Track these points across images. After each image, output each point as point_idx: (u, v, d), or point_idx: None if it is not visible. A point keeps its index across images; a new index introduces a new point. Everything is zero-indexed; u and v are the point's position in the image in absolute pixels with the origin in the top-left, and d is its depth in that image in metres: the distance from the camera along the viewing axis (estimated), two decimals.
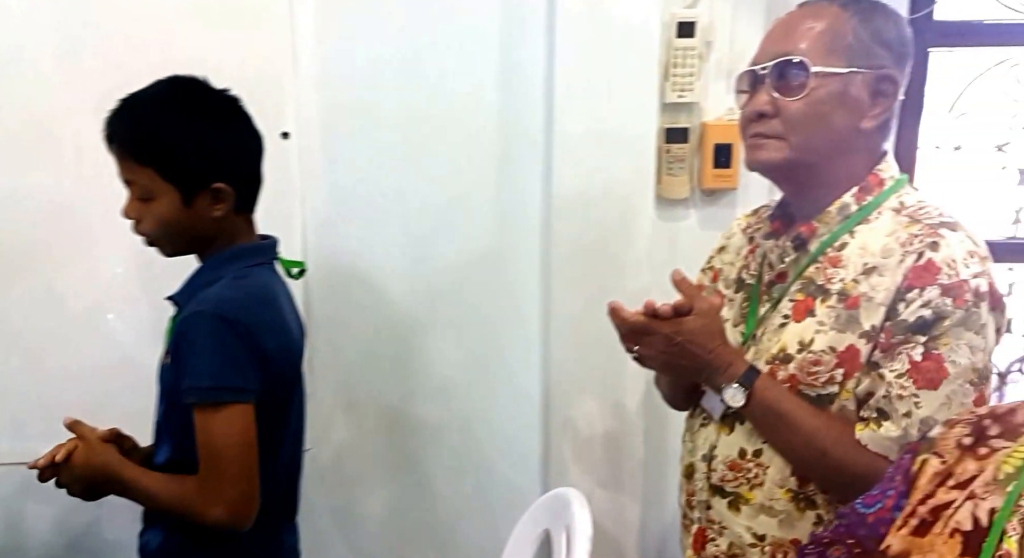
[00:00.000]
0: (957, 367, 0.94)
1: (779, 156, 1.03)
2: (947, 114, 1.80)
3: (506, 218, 1.74)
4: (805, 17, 1.03)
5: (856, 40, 1.00)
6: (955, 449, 0.77)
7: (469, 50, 1.66)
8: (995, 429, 0.76)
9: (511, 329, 1.79)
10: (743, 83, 1.08)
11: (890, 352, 0.96)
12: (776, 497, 1.05)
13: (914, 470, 0.79)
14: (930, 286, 0.94)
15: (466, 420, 1.83)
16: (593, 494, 1.67)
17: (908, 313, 0.95)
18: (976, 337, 0.94)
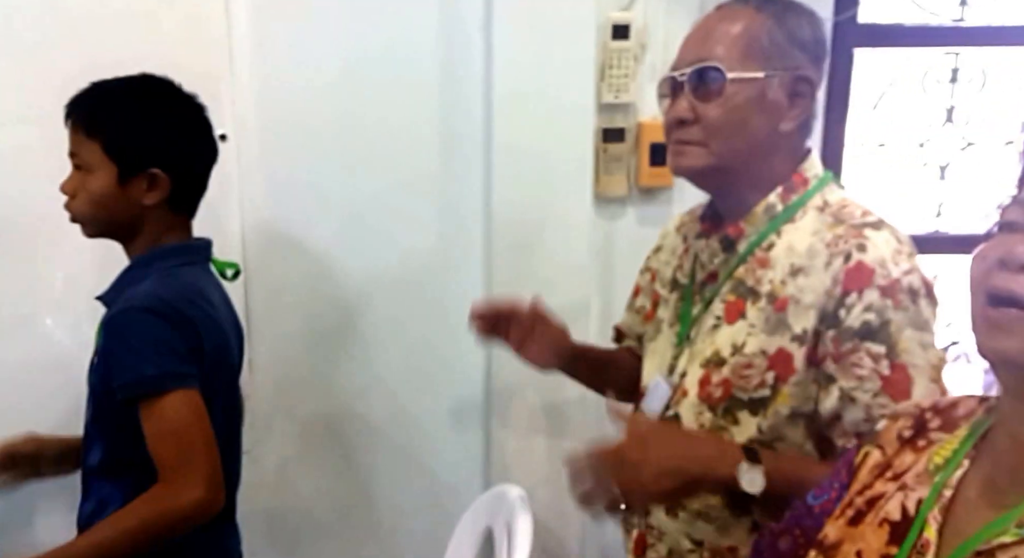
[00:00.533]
0: (918, 369, 0.94)
1: (701, 163, 1.03)
2: (872, 112, 1.87)
3: (447, 217, 1.74)
4: (721, 20, 1.03)
5: (771, 43, 1.00)
6: (896, 441, 0.78)
7: (407, 51, 1.66)
8: (936, 422, 0.77)
9: (453, 327, 1.76)
10: (664, 88, 1.09)
11: (843, 363, 0.95)
12: (712, 503, 1.04)
13: (856, 462, 0.81)
14: (868, 289, 0.93)
15: (408, 419, 1.83)
16: (535, 491, 1.67)
17: (852, 319, 0.94)
18: (924, 334, 0.94)
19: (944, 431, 0.75)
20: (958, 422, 0.75)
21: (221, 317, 1.25)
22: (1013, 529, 0.61)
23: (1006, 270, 0.60)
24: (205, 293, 1.24)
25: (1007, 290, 0.59)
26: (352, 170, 1.70)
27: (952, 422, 0.75)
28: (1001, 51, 1.80)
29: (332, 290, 1.75)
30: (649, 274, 1.28)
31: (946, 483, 0.69)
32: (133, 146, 1.18)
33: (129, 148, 1.18)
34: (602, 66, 1.65)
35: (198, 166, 1.27)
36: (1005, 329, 0.60)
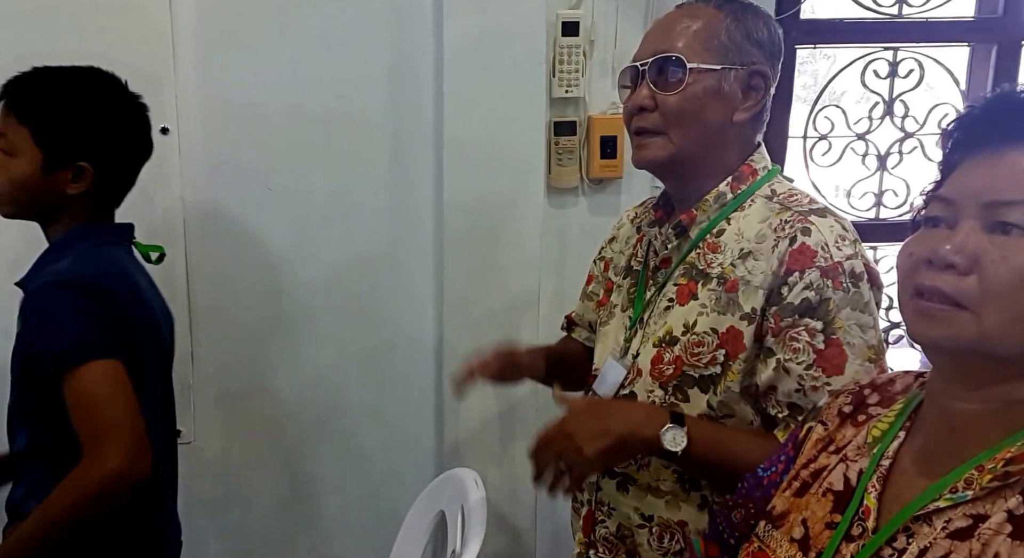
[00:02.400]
0: (853, 348, 0.97)
1: (664, 154, 1.07)
2: (813, 106, 1.93)
3: (399, 208, 1.75)
4: (683, 16, 1.07)
5: (729, 39, 1.05)
6: (836, 417, 0.82)
7: (356, 44, 1.66)
8: (874, 398, 0.81)
9: (405, 315, 1.80)
10: (625, 79, 1.12)
11: (782, 337, 0.99)
12: (662, 478, 1.08)
13: (801, 437, 0.85)
14: (809, 269, 0.97)
15: (358, 407, 1.83)
16: (487, 474, 1.70)
17: (792, 296, 0.98)
18: (863, 316, 0.98)
19: (881, 406, 0.79)
20: (895, 397, 0.79)
21: (147, 296, 1.24)
22: (947, 495, 0.65)
23: (932, 269, 0.64)
24: (127, 271, 1.22)
25: (933, 287, 0.64)
26: (300, 163, 1.70)
27: (889, 398, 0.79)
28: (937, 47, 1.87)
29: (279, 281, 1.74)
30: (603, 263, 1.31)
31: (884, 454, 0.73)
32: (64, 138, 1.16)
33: (59, 140, 1.16)
34: (553, 62, 1.68)
35: (128, 163, 1.25)
36: (933, 318, 0.64)
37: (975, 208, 0.64)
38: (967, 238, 0.63)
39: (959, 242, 0.63)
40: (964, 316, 0.62)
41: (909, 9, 1.83)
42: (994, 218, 0.63)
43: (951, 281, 0.63)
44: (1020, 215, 0.62)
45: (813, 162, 1.95)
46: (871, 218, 2.00)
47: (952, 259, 0.63)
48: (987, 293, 0.62)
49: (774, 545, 0.78)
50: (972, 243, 0.63)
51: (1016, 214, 0.62)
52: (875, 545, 0.68)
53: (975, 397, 0.66)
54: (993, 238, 0.63)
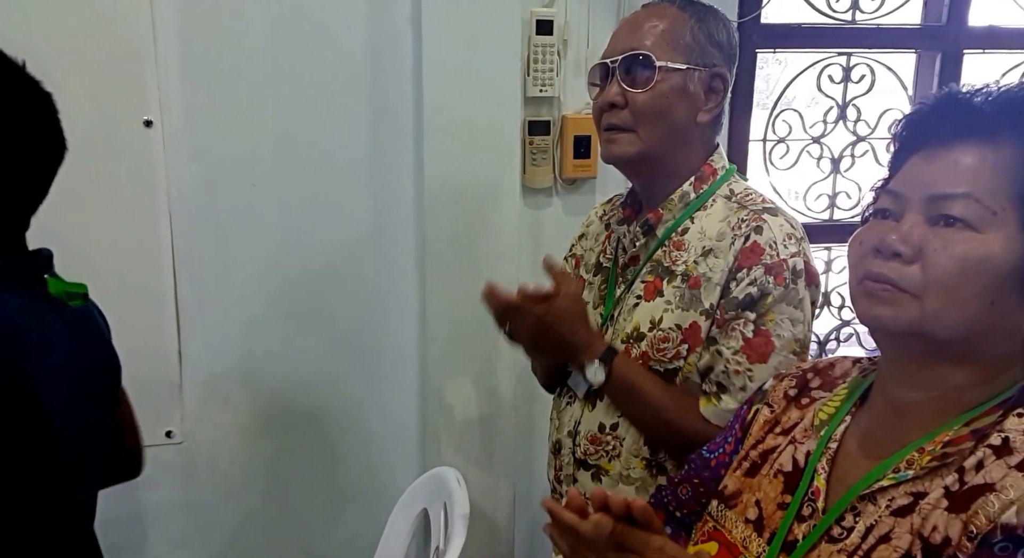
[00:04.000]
0: (782, 340, 1.03)
1: (632, 150, 1.11)
2: (772, 109, 2.00)
3: (381, 207, 1.76)
4: (649, 16, 1.12)
5: (694, 40, 1.10)
6: (782, 400, 0.87)
7: (337, 43, 1.66)
8: (816, 382, 0.86)
9: (388, 316, 1.81)
10: (595, 76, 1.16)
11: (724, 328, 1.05)
12: (632, 466, 1.13)
13: (748, 419, 0.89)
14: (755, 266, 1.03)
15: (343, 408, 1.83)
16: (468, 473, 1.72)
17: (738, 291, 1.04)
18: (796, 311, 1.04)
19: (823, 390, 0.84)
20: (835, 381, 0.84)
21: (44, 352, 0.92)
22: (890, 475, 0.70)
23: (880, 257, 0.69)
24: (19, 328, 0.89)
25: (880, 274, 0.69)
26: (284, 159, 1.69)
27: (830, 382, 0.84)
28: (887, 53, 1.97)
29: (264, 278, 1.74)
30: (573, 260, 1.35)
31: (831, 437, 0.77)
32: None
33: None
34: (527, 60, 1.70)
35: (32, 169, 0.94)
36: (879, 299, 0.69)
37: (920, 201, 0.68)
38: (912, 229, 0.67)
39: (905, 233, 0.67)
40: (907, 299, 0.67)
41: (862, 15, 1.91)
42: (937, 211, 0.67)
43: (897, 268, 0.67)
44: (961, 208, 0.66)
45: (772, 165, 2.01)
46: (825, 219, 2.06)
47: (898, 248, 0.67)
48: (929, 281, 0.66)
49: (729, 525, 0.82)
50: (917, 234, 0.67)
51: (957, 207, 0.66)
52: (825, 524, 0.72)
53: (917, 384, 0.71)
54: (936, 230, 0.67)
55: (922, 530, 0.65)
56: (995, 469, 0.64)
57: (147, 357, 1.64)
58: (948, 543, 0.63)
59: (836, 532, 0.71)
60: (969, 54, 1.93)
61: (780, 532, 0.75)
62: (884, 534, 0.68)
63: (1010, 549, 0.60)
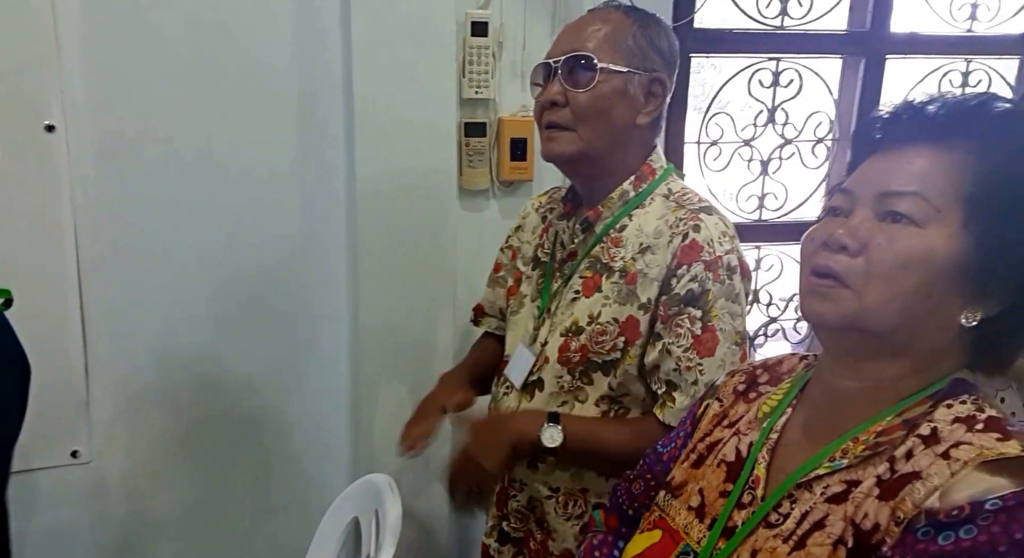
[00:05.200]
0: (725, 333, 1.09)
1: (572, 148, 1.14)
2: (706, 113, 2.04)
3: (310, 211, 1.72)
4: (594, 20, 1.16)
5: (635, 44, 1.13)
6: (732, 395, 0.90)
7: (260, 43, 1.63)
8: (764, 377, 0.89)
9: (317, 320, 1.78)
10: (538, 76, 1.19)
11: (669, 324, 1.09)
12: None
13: (699, 414, 0.92)
14: (695, 263, 1.08)
15: (270, 415, 1.79)
16: (401, 478, 1.68)
17: (679, 287, 1.09)
18: (734, 305, 1.10)
19: (771, 385, 0.87)
20: (782, 377, 0.87)
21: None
22: (826, 464, 0.72)
23: (827, 250, 0.72)
24: None
25: (826, 266, 0.71)
26: (205, 161, 1.64)
27: (777, 377, 0.87)
28: (814, 58, 2.02)
29: (183, 286, 1.68)
30: (510, 252, 1.37)
31: (773, 428, 0.80)
32: None
33: None
34: (462, 62, 1.69)
35: None
36: (822, 296, 0.72)
37: (871, 198, 0.72)
38: (860, 224, 0.71)
39: (852, 227, 0.71)
40: (847, 294, 0.70)
41: (790, 21, 1.97)
42: (886, 207, 0.70)
43: (842, 261, 0.70)
44: (908, 205, 0.69)
45: (706, 167, 2.05)
46: (755, 220, 2.11)
47: (844, 241, 0.70)
48: (870, 274, 0.69)
49: (673, 513, 0.84)
50: (863, 229, 0.70)
51: (905, 204, 0.69)
52: (763, 511, 0.74)
53: (853, 375, 0.74)
54: (883, 225, 0.70)
55: (855, 517, 0.67)
56: (923, 458, 0.66)
57: (49, 372, 1.53)
58: (877, 529, 0.65)
59: (773, 518, 0.73)
60: (891, 59, 2.00)
61: (721, 518, 0.78)
62: (818, 520, 0.70)
63: (932, 533, 0.62)
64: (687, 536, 0.80)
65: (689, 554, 0.79)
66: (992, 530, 0.60)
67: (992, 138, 0.69)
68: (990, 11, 2.03)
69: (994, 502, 0.60)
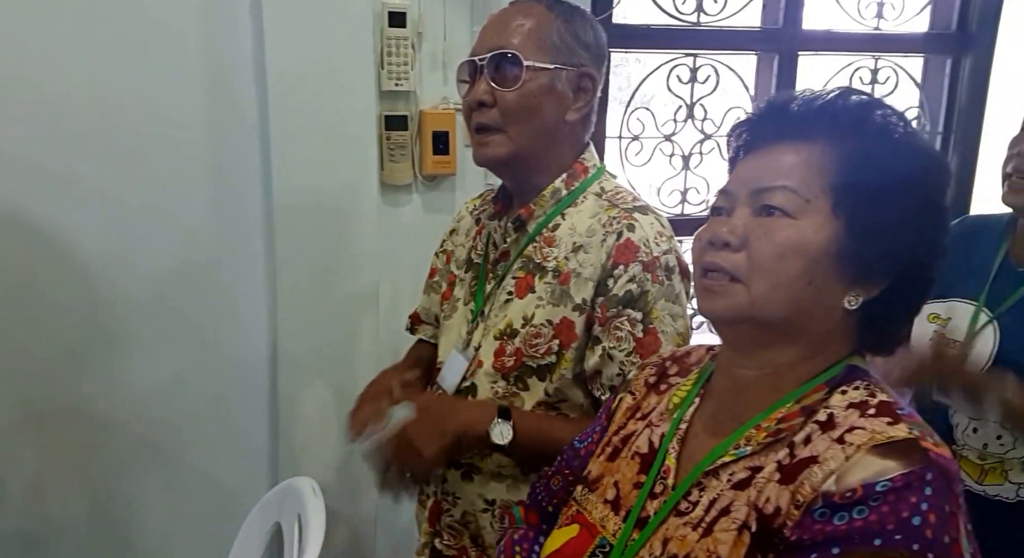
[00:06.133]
0: (667, 335, 1.06)
1: (504, 151, 1.11)
2: (626, 108, 2.06)
3: (224, 209, 1.66)
4: (516, 14, 1.11)
5: (560, 39, 1.10)
6: (643, 387, 0.91)
7: (167, 33, 1.56)
8: (674, 369, 0.90)
9: (234, 322, 1.72)
10: (463, 73, 1.15)
11: (608, 326, 1.06)
12: (504, 464, 1.12)
13: (613, 407, 0.92)
14: (632, 263, 1.05)
15: (185, 423, 1.73)
16: (327, 482, 1.67)
17: (617, 288, 1.05)
18: (674, 306, 1.07)
19: (680, 376, 0.89)
20: (691, 368, 0.89)
21: None
22: (731, 451, 0.74)
23: (713, 248, 0.75)
24: None
25: (713, 263, 0.74)
26: (110, 161, 1.57)
27: (686, 368, 0.89)
28: (730, 55, 2.07)
29: (91, 290, 1.61)
30: (444, 255, 1.33)
31: (682, 418, 0.82)
32: None
33: None
34: (381, 53, 1.66)
35: None
36: (713, 293, 0.75)
37: (746, 195, 0.75)
38: (739, 221, 0.74)
39: (733, 224, 0.74)
40: (737, 288, 0.73)
41: (706, 18, 2.01)
42: (760, 202, 0.74)
43: (727, 257, 0.73)
44: (779, 198, 0.73)
45: (628, 162, 2.07)
46: (678, 214, 2.15)
47: (727, 238, 0.73)
48: (754, 266, 0.72)
49: (590, 507, 0.85)
50: (743, 225, 0.74)
51: (777, 198, 0.73)
52: (674, 500, 0.76)
53: (751, 363, 0.76)
54: (760, 220, 0.73)
55: (757, 502, 0.69)
56: (820, 442, 0.69)
57: None
58: (779, 513, 0.67)
59: (683, 507, 0.75)
60: (804, 56, 2.06)
61: (634, 509, 0.79)
62: (725, 507, 0.72)
63: (828, 514, 0.65)
64: (603, 529, 0.81)
65: (605, 547, 0.80)
66: (882, 510, 0.62)
67: (851, 129, 0.74)
68: (895, 10, 2.11)
69: (884, 484, 0.63)
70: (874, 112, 0.75)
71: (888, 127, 0.74)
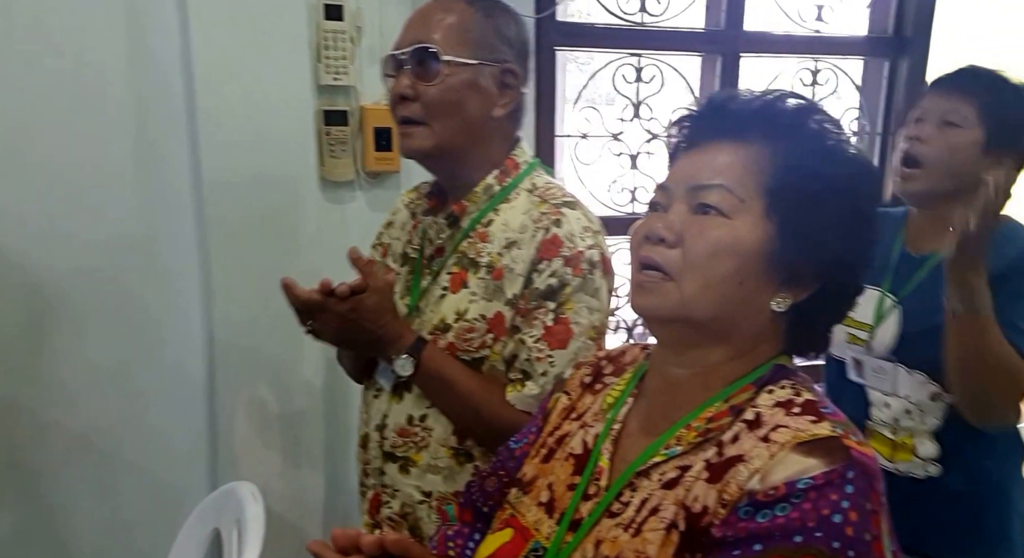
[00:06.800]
0: (580, 327, 1.09)
1: (427, 144, 1.11)
2: (573, 107, 2.05)
3: (153, 203, 1.61)
4: (438, 9, 1.12)
5: (481, 35, 1.11)
6: (579, 387, 0.91)
7: (89, 26, 1.50)
8: (609, 368, 0.90)
9: (168, 321, 1.67)
10: (388, 67, 1.16)
11: (528, 318, 1.09)
12: (440, 456, 1.15)
13: (549, 408, 0.92)
14: (555, 258, 1.07)
15: (117, 425, 1.67)
16: (270, 485, 1.64)
17: (540, 282, 1.08)
18: (592, 300, 1.10)
19: (615, 376, 0.89)
20: (625, 367, 0.89)
21: None
22: (662, 451, 0.74)
23: (649, 243, 0.75)
24: None
25: (648, 258, 0.74)
26: (27, 160, 1.50)
27: (621, 368, 0.89)
28: (674, 55, 2.08)
29: (8, 290, 1.54)
30: (381, 248, 1.33)
31: (615, 418, 0.82)
32: None
33: None
34: (318, 47, 1.62)
35: None
36: (647, 289, 0.74)
37: (683, 192, 0.75)
38: (675, 217, 0.74)
39: (669, 221, 0.74)
40: (669, 286, 0.73)
41: (650, 18, 2.01)
42: (696, 200, 0.74)
43: (662, 253, 0.73)
44: (715, 197, 0.73)
45: (578, 160, 2.06)
46: (628, 213, 2.15)
47: (663, 234, 0.73)
48: (687, 263, 0.72)
49: (524, 510, 0.84)
50: (679, 221, 0.74)
51: (712, 196, 0.73)
52: (607, 501, 0.76)
53: (683, 362, 0.77)
54: (696, 217, 0.74)
55: (685, 500, 0.70)
56: (747, 441, 0.69)
57: None
58: (706, 511, 0.68)
59: (615, 508, 0.75)
60: (745, 57, 2.09)
61: (568, 511, 0.78)
62: (655, 507, 0.72)
63: (752, 512, 0.65)
64: (537, 533, 0.81)
65: (539, 551, 0.79)
66: (804, 507, 0.63)
67: (787, 132, 0.74)
68: (834, 13, 2.15)
69: (806, 481, 0.64)
70: (810, 117, 0.75)
71: (823, 133, 0.75)
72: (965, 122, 1.27)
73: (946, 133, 1.28)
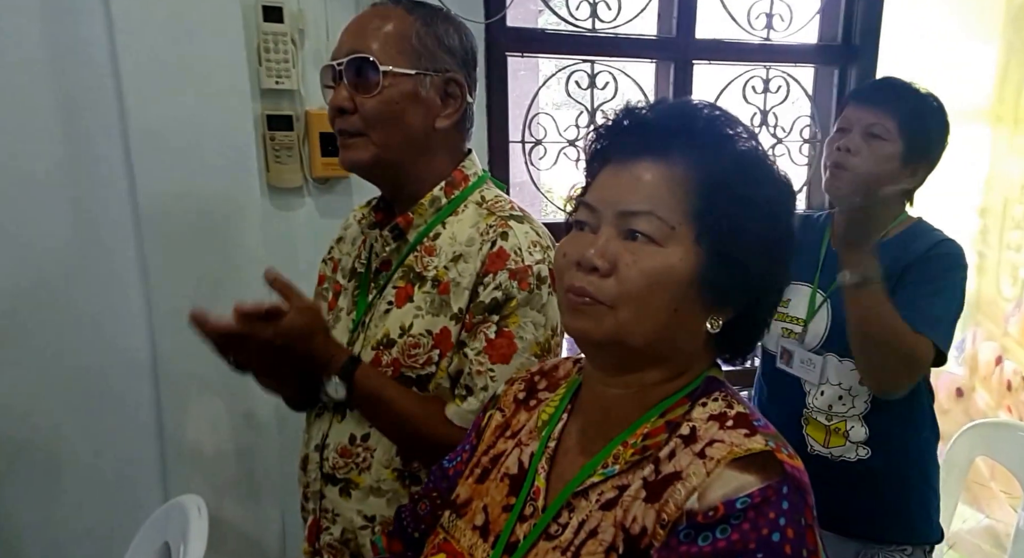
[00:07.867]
0: (524, 342, 1.04)
1: (367, 155, 1.07)
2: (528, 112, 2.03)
3: (87, 215, 1.55)
4: (375, 17, 1.07)
5: (421, 44, 1.06)
6: (512, 403, 0.88)
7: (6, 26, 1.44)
8: (543, 383, 0.88)
9: (109, 335, 1.61)
10: (327, 77, 1.10)
11: (472, 332, 1.05)
12: (383, 478, 1.10)
13: (483, 425, 0.89)
14: (500, 271, 1.03)
15: (61, 440, 1.61)
16: (225, 497, 1.60)
17: (484, 295, 1.04)
18: (539, 315, 1.05)
19: (549, 391, 0.87)
20: (559, 382, 0.87)
21: None
22: (600, 471, 0.72)
23: (581, 270, 0.72)
24: None
25: (581, 288, 0.71)
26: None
27: (555, 382, 0.87)
28: (627, 62, 2.07)
29: None
30: (331, 263, 1.29)
31: (551, 436, 0.80)
32: None
33: None
34: (258, 49, 1.58)
35: None
36: (581, 312, 0.72)
37: (612, 216, 0.72)
38: (607, 244, 0.71)
39: (600, 247, 0.71)
40: (603, 310, 0.71)
41: (601, 25, 2.00)
42: (626, 226, 0.71)
43: (595, 282, 0.71)
44: (645, 224, 0.71)
45: (533, 166, 2.05)
46: None
47: (596, 263, 0.71)
48: (622, 293, 0.70)
49: (458, 534, 0.81)
50: (611, 249, 0.71)
51: (642, 223, 0.71)
52: (544, 523, 0.74)
53: (618, 382, 0.75)
54: (627, 244, 0.71)
55: (624, 521, 0.68)
56: (683, 457, 0.68)
57: None
58: (645, 533, 0.66)
59: (553, 529, 0.73)
60: (697, 64, 2.09)
61: (503, 534, 0.76)
62: (593, 528, 0.70)
63: (692, 535, 0.64)
64: (472, 557, 0.78)
65: None
66: (743, 528, 0.62)
67: (708, 154, 0.72)
68: (784, 21, 2.17)
69: (743, 500, 0.63)
70: (725, 130, 0.74)
71: (743, 151, 0.73)
72: (887, 134, 1.36)
73: (872, 145, 1.37)
